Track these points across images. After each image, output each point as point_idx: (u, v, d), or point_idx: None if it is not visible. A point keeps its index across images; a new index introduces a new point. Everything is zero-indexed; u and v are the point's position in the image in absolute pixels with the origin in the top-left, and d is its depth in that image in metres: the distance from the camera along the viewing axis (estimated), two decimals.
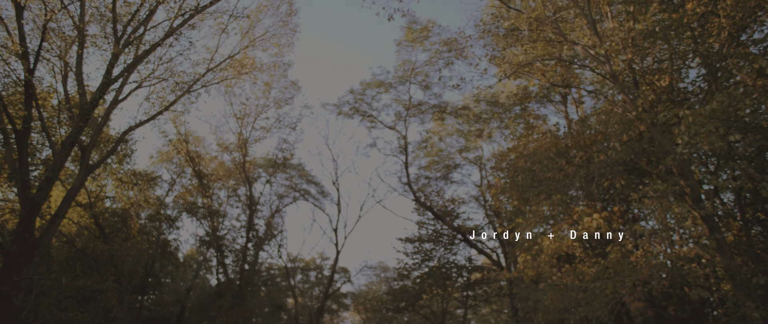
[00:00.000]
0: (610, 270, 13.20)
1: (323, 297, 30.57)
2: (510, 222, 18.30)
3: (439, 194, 26.00)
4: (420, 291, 26.43)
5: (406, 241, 26.53)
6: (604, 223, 14.03)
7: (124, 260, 18.55)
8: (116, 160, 19.33)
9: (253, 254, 27.62)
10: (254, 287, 29.50)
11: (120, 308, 19.46)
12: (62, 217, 13.44)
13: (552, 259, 14.87)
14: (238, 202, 27.85)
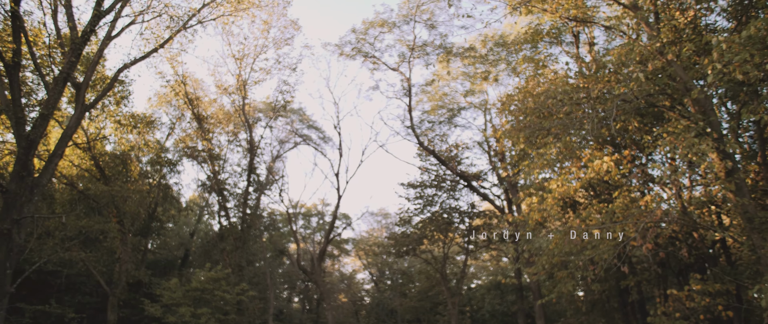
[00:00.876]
0: (617, 215, 12.99)
1: (324, 242, 30.71)
2: (515, 166, 18.00)
3: (442, 139, 25.58)
4: (421, 236, 26.46)
5: (408, 187, 26.36)
6: (615, 165, 13.70)
7: (126, 202, 18.36)
8: (114, 101, 18.84)
9: (255, 199, 27.52)
10: (256, 232, 29.59)
11: (124, 249, 19.46)
12: (60, 156, 13.11)
13: (559, 203, 14.61)
14: (238, 147, 27.52)
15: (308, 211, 42.20)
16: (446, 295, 28.51)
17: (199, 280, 20.25)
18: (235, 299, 21.47)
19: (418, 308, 36.91)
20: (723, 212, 15.03)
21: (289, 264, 42.50)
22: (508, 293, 31.63)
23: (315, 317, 43.16)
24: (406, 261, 41.40)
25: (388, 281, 43.66)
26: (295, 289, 46.22)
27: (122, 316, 19.82)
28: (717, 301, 12.72)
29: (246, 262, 26.44)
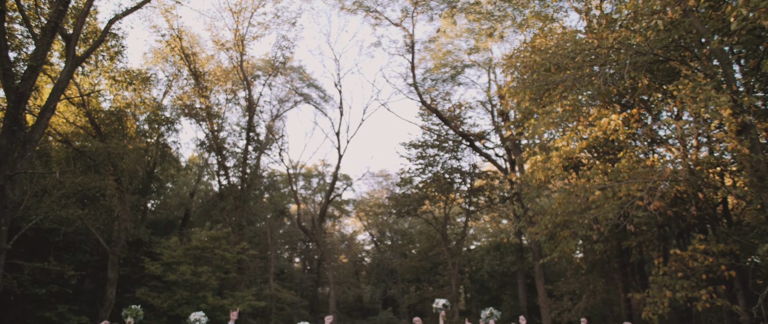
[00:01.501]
0: (623, 174, 12.74)
1: (325, 202, 30.59)
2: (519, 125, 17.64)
3: (445, 98, 25.12)
4: (422, 197, 26.33)
5: (409, 147, 26.07)
6: (622, 124, 13.35)
7: (123, 159, 18.08)
8: (108, 57, 18.31)
9: (255, 158, 27.26)
10: (257, 192, 29.46)
11: (122, 208, 19.30)
12: (52, 111, 12.77)
13: (564, 162, 14.31)
14: (237, 106, 27.07)
15: (308, 171, 42.02)
16: (446, 255, 28.60)
17: (199, 238, 20.19)
18: (235, 258, 21.47)
19: (418, 268, 37.15)
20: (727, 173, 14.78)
21: (290, 224, 42.61)
22: (508, 254, 31.72)
23: (316, 277, 43.56)
24: (406, 222, 41.49)
25: (389, 242, 43.86)
26: (296, 250, 46.53)
27: (123, 274, 19.82)
28: (720, 261, 12.60)
29: (246, 222, 26.38)
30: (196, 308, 18.32)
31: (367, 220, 44.56)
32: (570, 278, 21.89)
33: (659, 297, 12.90)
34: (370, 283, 43.50)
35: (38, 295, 15.49)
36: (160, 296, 18.60)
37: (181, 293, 18.68)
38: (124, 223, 19.31)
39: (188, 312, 18.10)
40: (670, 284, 12.94)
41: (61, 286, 16.59)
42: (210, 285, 19.42)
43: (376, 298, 41.71)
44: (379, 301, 40.94)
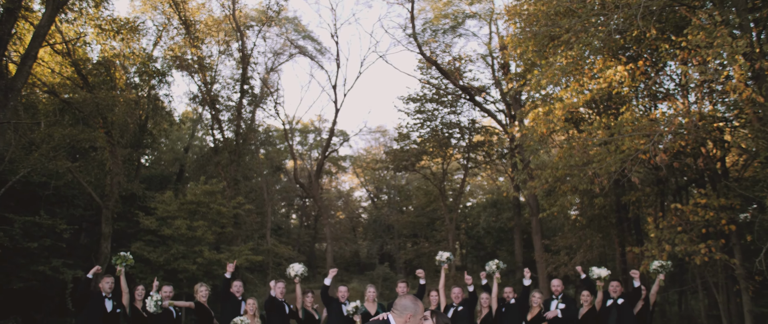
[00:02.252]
0: (626, 127, 12.44)
1: (322, 156, 30.28)
2: (521, 78, 17.18)
3: (446, 50, 24.46)
4: (420, 152, 26.05)
5: (408, 101, 25.60)
6: (628, 76, 12.95)
7: (112, 111, 17.61)
8: (93, 3, 17.57)
9: (250, 112, 26.80)
10: (252, 146, 29.12)
11: (114, 161, 18.96)
12: (34, 57, 12.26)
13: (567, 115, 13.95)
14: (230, 59, 26.37)
15: (305, 127, 41.58)
16: (444, 211, 28.55)
17: (194, 193, 19.95)
18: (231, 212, 21.31)
19: (415, 224, 37.27)
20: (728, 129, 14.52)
21: (287, 180, 42.48)
22: (504, 211, 31.76)
23: (313, 233, 43.78)
24: (403, 178, 41.40)
25: (385, 198, 43.89)
26: (292, 206, 46.60)
27: (117, 229, 19.66)
28: (720, 215, 12.45)
29: (242, 177, 26.15)
30: (192, 262, 18.28)
31: (364, 177, 44.46)
32: (567, 233, 21.90)
33: (658, 251, 12.81)
34: (367, 239, 43.79)
35: (30, 249, 15.30)
36: (155, 251, 18.49)
37: (176, 247, 18.57)
38: (117, 177, 19.00)
39: (184, 266, 18.09)
40: (670, 238, 12.83)
41: (54, 240, 16.41)
42: (206, 239, 19.30)
43: (372, 254, 42.05)
44: (376, 257, 41.27)
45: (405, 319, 3.79)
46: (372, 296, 8.72)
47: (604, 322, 8.39)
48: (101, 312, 7.95)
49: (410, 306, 3.82)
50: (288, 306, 8.62)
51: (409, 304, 3.84)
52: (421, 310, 3.86)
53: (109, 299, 8.15)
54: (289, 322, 8.56)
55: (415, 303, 3.86)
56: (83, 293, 7.94)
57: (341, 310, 8.51)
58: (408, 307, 3.82)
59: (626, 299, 8.31)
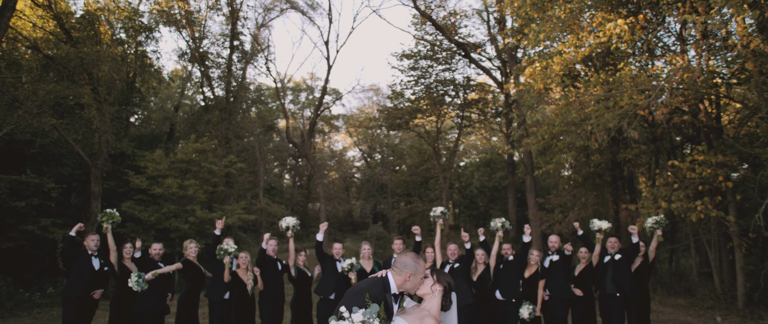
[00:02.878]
0: (625, 83, 12.17)
1: (314, 115, 29.85)
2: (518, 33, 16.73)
3: (440, 4, 23.76)
4: (414, 110, 25.69)
5: (401, 57, 25.05)
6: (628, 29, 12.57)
7: (98, 66, 17.05)
8: None
9: (241, 69, 26.19)
10: (244, 105, 28.62)
11: (102, 119, 18.51)
12: (12, 9, 11.78)
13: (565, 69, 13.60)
14: (219, 14, 25.53)
15: (297, 85, 40.97)
16: (438, 169, 28.43)
17: (184, 151, 19.63)
18: (222, 171, 21.04)
19: (409, 183, 37.24)
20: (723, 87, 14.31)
21: (279, 140, 42.12)
22: (497, 170, 31.71)
23: (306, 193, 43.76)
24: (397, 137, 41.15)
25: (378, 157, 43.72)
26: (285, 166, 46.40)
27: (107, 188, 19.38)
28: (717, 173, 12.35)
29: (233, 136, 25.77)
30: (184, 222, 18.12)
31: (357, 136, 44.15)
32: (561, 191, 21.86)
33: (653, 208, 12.75)
34: (361, 199, 43.86)
35: (18, 208, 15.04)
36: (146, 210, 18.28)
37: (168, 207, 18.36)
38: (105, 135, 18.59)
39: (176, 225, 17.94)
40: (666, 195, 12.75)
41: (42, 199, 16.14)
42: (197, 198, 19.09)
43: (366, 213, 42.20)
44: (370, 216, 41.44)
45: (404, 278, 3.59)
46: (368, 254, 8.57)
47: (601, 279, 8.32)
48: (89, 270, 7.78)
49: (410, 264, 3.61)
50: (280, 262, 8.48)
51: (409, 262, 3.62)
52: (422, 269, 3.64)
53: (95, 257, 7.95)
54: (281, 278, 8.43)
55: (416, 261, 3.64)
56: (69, 251, 7.75)
57: (336, 267, 8.37)
58: (408, 265, 3.61)
59: (624, 255, 8.22)
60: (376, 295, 3.43)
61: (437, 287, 3.68)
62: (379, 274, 3.70)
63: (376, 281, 3.62)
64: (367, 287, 3.51)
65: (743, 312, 12.84)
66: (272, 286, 8.23)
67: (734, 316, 12.51)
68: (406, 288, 3.65)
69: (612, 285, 8.15)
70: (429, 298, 3.69)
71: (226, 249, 8.03)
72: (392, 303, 3.59)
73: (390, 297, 3.57)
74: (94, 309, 7.98)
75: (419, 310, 3.65)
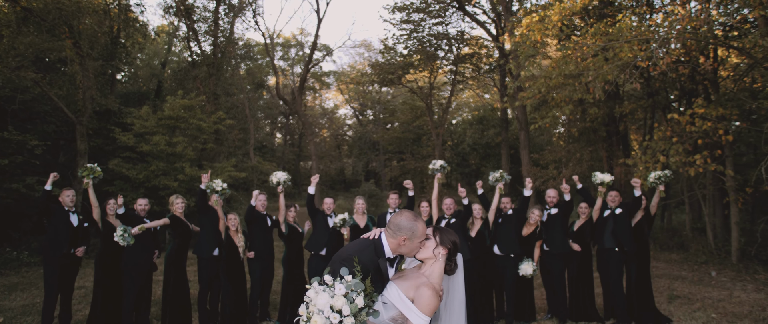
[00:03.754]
0: (625, 34, 11.74)
1: (304, 70, 29.19)
2: None
3: None
4: (407, 64, 25.12)
5: (393, 10, 24.27)
6: None
7: (78, 18, 16.31)
8: None
9: (228, 23, 25.36)
10: (233, 61, 27.87)
11: (85, 75, 17.88)
12: None
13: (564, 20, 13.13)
14: None
15: (286, 41, 40.01)
16: (430, 126, 28.09)
17: (172, 107, 19.10)
18: (211, 128, 20.57)
19: (401, 140, 36.96)
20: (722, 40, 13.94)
21: (269, 97, 41.45)
22: (490, 127, 31.42)
23: (297, 151, 43.41)
24: (389, 94, 40.59)
25: (370, 114, 43.22)
26: (276, 124, 45.87)
27: (94, 146, 18.93)
28: (717, 126, 12.10)
29: (222, 92, 25.17)
30: (173, 179, 17.78)
31: (348, 93, 43.52)
32: (556, 147, 21.67)
33: (652, 162, 12.54)
34: (352, 157, 43.62)
35: (1, 166, 14.62)
36: (134, 168, 17.90)
37: (156, 164, 17.99)
38: (89, 90, 18.00)
39: (165, 183, 17.59)
40: (664, 149, 12.53)
41: (26, 157, 15.71)
42: (186, 156, 18.69)
43: (358, 171, 42.02)
44: (362, 174, 41.27)
45: (398, 242, 3.10)
46: (362, 208, 8.31)
47: (600, 233, 8.13)
48: (67, 227, 7.46)
49: (405, 226, 3.07)
50: (269, 218, 8.21)
51: (404, 224, 3.08)
52: (420, 232, 3.10)
53: (73, 213, 7.63)
54: (271, 235, 8.18)
55: (412, 222, 3.09)
56: (45, 205, 7.37)
57: (327, 222, 8.13)
58: (402, 227, 3.07)
59: (625, 209, 8.01)
60: (366, 261, 3.00)
61: (440, 251, 3.18)
62: (373, 234, 3.23)
63: (368, 244, 3.14)
64: (356, 251, 3.05)
65: (737, 266, 12.84)
66: (261, 242, 7.99)
67: (729, 271, 12.51)
68: (402, 252, 3.16)
69: (611, 239, 7.97)
70: (430, 262, 3.20)
71: (214, 187, 7.78)
72: (386, 268, 3.14)
73: (384, 262, 3.12)
74: (77, 267, 7.72)
75: (417, 276, 3.16)
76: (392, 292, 3.07)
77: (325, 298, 2.72)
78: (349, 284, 2.76)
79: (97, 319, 7.67)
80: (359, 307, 2.70)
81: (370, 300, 2.84)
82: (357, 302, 2.70)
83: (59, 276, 7.39)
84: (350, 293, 2.72)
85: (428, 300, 2.97)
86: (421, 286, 3.01)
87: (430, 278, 3.10)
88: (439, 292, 3.07)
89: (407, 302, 3.02)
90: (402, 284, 3.09)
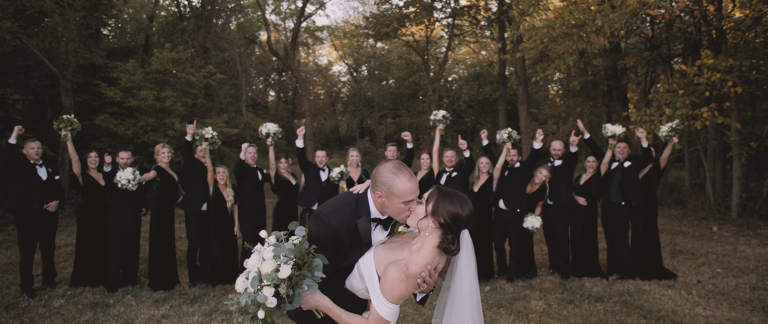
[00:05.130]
0: None
1: (297, 22, 28.26)
2: None
3: None
4: (402, 17, 24.31)
5: None
6: None
7: None
8: None
9: None
10: (223, 13, 26.91)
11: (66, 26, 17.09)
12: None
13: None
14: None
15: None
16: (427, 81, 27.50)
17: (159, 61, 18.41)
18: (201, 83, 19.95)
19: (396, 96, 36.36)
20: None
21: (261, 53, 40.48)
22: (487, 84, 30.80)
23: (291, 108, 42.75)
24: (384, 50, 39.69)
25: (365, 70, 42.38)
26: (269, 82, 45.03)
27: (80, 101, 18.31)
28: (726, 78, 11.66)
29: (212, 46, 24.36)
30: (162, 135, 17.30)
31: (342, 49, 42.54)
32: (554, 103, 21.22)
33: (656, 115, 12.15)
34: (347, 114, 43.05)
35: None
36: (123, 124, 17.37)
37: (145, 120, 17.45)
38: (72, 43, 17.25)
39: (155, 139, 17.09)
40: (670, 102, 12.11)
41: (8, 112, 15.13)
42: (176, 111, 18.15)
43: (353, 128, 41.55)
44: (356, 131, 40.81)
45: (376, 199, 2.49)
46: (355, 161, 7.91)
47: (606, 187, 7.79)
48: (35, 181, 7.00)
49: (381, 180, 2.41)
50: (260, 171, 7.81)
51: (382, 177, 2.42)
52: (397, 191, 2.37)
53: (40, 166, 7.17)
54: (261, 189, 7.79)
55: (393, 175, 2.39)
56: (8, 160, 6.86)
57: (319, 176, 7.74)
58: (378, 181, 2.44)
59: (634, 162, 7.64)
60: (337, 222, 2.45)
61: (430, 223, 2.34)
62: (358, 187, 2.66)
63: (349, 201, 2.56)
64: (338, 207, 2.53)
65: (738, 222, 12.64)
66: (252, 197, 7.60)
67: (730, 226, 12.31)
68: (386, 213, 2.51)
69: (617, 193, 7.64)
70: (420, 238, 2.42)
71: (204, 134, 7.37)
72: (368, 230, 2.52)
73: (366, 222, 2.50)
74: (53, 224, 7.29)
75: (401, 248, 2.46)
76: (366, 261, 2.48)
77: (255, 259, 2.28)
78: (278, 248, 2.24)
79: (81, 276, 7.34)
80: (281, 278, 2.15)
81: (309, 271, 2.23)
82: (281, 272, 2.15)
83: (34, 233, 6.99)
84: (279, 259, 2.21)
85: (392, 283, 2.30)
86: (393, 265, 2.34)
87: (413, 256, 2.36)
88: (419, 278, 2.33)
89: (374, 278, 2.41)
90: (381, 254, 2.47)
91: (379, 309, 2.34)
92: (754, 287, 7.10)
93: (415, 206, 2.41)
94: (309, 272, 2.23)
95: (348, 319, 2.38)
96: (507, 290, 7.23)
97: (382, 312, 2.34)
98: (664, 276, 7.62)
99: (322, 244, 2.41)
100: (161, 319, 6.06)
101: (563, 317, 6.03)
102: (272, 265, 2.17)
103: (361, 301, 2.55)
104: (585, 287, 7.29)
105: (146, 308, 6.48)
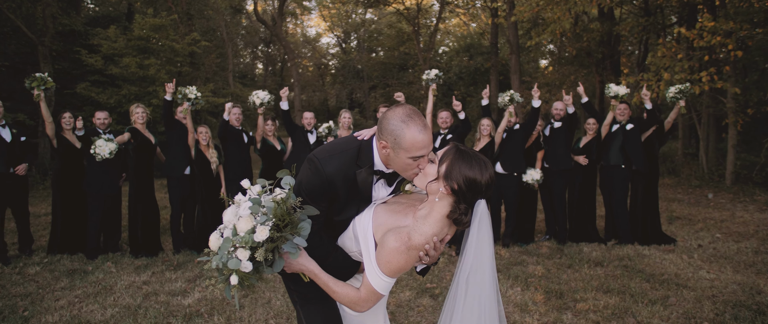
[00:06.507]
0: None
1: None
2: None
3: None
4: None
5: None
6: None
7: None
8: None
9: None
10: None
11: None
12: None
13: None
14: None
15: None
16: (418, 50, 27.02)
17: (141, 27, 17.75)
18: (186, 50, 19.30)
19: (386, 67, 35.80)
20: None
21: (249, 24, 39.57)
22: (478, 55, 30.34)
23: (279, 80, 42.08)
24: (374, 19, 38.95)
25: (354, 40, 41.65)
26: (257, 53, 44.21)
27: (60, 69, 17.66)
28: (726, 41, 11.37)
29: (196, 12, 23.59)
30: (146, 104, 16.77)
31: (330, 20, 41.71)
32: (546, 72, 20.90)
33: (654, 80, 11.88)
34: (336, 85, 42.48)
35: None
36: (105, 92, 16.81)
37: (128, 88, 16.91)
38: (49, 8, 16.57)
39: None
40: (669, 66, 11.84)
41: None
42: (160, 79, 17.56)
43: (342, 100, 41.04)
44: (346, 103, 40.32)
45: (380, 148, 2.07)
46: (347, 122, 7.55)
47: (606, 150, 7.53)
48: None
49: (388, 127, 1.99)
50: (246, 134, 7.44)
51: (390, 124, 1.99)
52: (406, 143, 1.93)
53: (3, 127, 6.74)
54: (248, 153, 7.43)
55: (400, 124, 1.96)
56: None
57: (307, 139, 7.40)
58: (384, 128, 2.01)
59: (636, 124, 7.36)
60: (333, 171, 2.06)
61: (441, 188, 1.95)
62: (364, 133, 2.22)
63: (351, 146, 2.16)
64: (337, 152, 2.13)
65: (733, 189, 12.51)
66: (238, 160, 7.25)
67: (725, 193, 12.18)
68: (391, 166, 2.12)
69: (618, 156, 7.39)
70: (428, 204, 2.03)
71: (186, 93, 6.97)
72: (370, 183, 2.16)
73: (367, 174, 2.13)
74: (23, 188, 6.89)
75: (402, 215, 2.05)
76: (363, 222, 2.11)
77: (231, 212, 1.93)
78: (256, 205, 1.87)
79: (59, 243, 7.00)
80: (257, 241, 1.80)
81: (292, 233, 1.87)
82: (258, 235, 1.79)
83: (3, 198, 6.60)
84: (257, 218, 1.85)
85: (390, 254, 1.93)
86: (393, 232, 1.95)
87: (418, 224, 1.97)
88: (422, 251, 1.94)
89: (370, 244, 2.05)
90: (381, 216, 2.08)
91: (373, 281, 1.99)
92: (756, 251, 6.93)
93: (425, 164, 2.01)
94: (292, 235, 1.87)
95: (336, 288, 2.03)
96: (503, 256, 7.00)
97: (376, 285, 1.98)
98: (664, 241, 7.42)
99: (313, 195, 2.05)
100: (142, 286, 5.75)
101: (563, 281, 5.81)
102: (249, 224, 1.82)
103: (354, 262, 2.21)
104: (583, 252, 7.08)
105: (127, 275, 6.16)
